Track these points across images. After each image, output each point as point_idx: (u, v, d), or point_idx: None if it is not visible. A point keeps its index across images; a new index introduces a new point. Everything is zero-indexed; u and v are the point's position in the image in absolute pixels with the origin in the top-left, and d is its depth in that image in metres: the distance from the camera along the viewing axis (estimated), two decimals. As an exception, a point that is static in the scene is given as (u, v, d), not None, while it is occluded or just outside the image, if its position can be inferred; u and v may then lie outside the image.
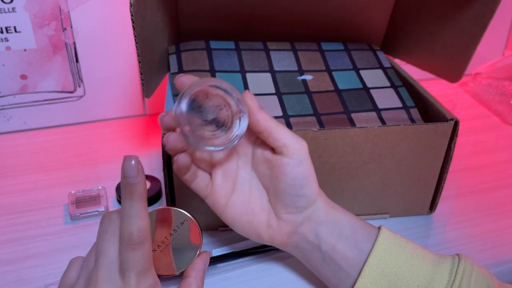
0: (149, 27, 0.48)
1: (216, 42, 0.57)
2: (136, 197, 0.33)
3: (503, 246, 0.51)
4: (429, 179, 0.51)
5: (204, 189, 0.40)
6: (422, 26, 0.61)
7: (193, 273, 0.38)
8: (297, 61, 0.58)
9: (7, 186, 0.58)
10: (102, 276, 0.33)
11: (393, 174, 0.50)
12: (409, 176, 0.50)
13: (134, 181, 0.33)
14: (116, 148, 0.66)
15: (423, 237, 0.52)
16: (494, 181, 0.61)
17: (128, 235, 0.33)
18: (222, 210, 0.40)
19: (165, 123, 0.37)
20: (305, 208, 0.40)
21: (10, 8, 0.60)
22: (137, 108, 0.73)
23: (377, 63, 0.60)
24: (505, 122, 0.76)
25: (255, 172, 0.41)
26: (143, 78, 0.47)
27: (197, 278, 0.38)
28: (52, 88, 0.67)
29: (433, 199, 0.53)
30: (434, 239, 0.51)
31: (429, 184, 0.52)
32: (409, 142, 0.48)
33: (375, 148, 0.48)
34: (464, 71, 0.57)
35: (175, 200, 0.48)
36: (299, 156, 0.38)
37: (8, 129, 0.68)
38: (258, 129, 0.38)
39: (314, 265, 0.41)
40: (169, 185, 0.47)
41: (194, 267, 0.38)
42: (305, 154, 0.39)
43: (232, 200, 0.40)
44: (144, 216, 0.33)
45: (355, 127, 0.46)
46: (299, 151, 0.38)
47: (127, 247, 0.33)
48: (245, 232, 0.41)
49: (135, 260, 0.33)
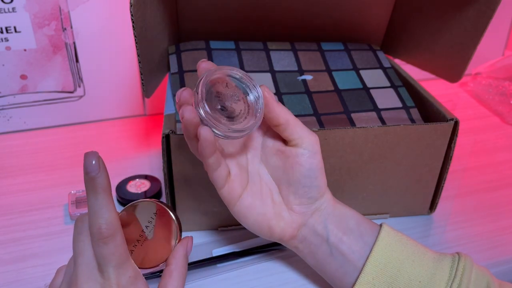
0: (149, 27, 0.48)
1: (216, 42, 0.57)
2: (100, 190, 0.33)
3: (503, 246, 0.51)
4: (429, 179, 0.51)
5: (224, 179, 0.40)
6: (422, 26, 0.61)
7: (173, 260, 0.37)
8: (297, 61, 0.58)
9: (7, 186, 0.58)
10: (82, 275, 0.33)
11: (393, 174, 0.50)
12: (409, 176, 0.51)
13: (96, 175, 0.32)
14: (116, 148, 0.66)
15: (423, 237, 0.52)
16: (494, 181, 0.61)
17: (97, 229, 0.33)
18: (236, 201, 0.40)
19: (183, 97, 0.37)
20: (316, 199, 0.41)
21: (10, 8, 0.60)
22: (137, 108, 0.73)
23: (377, 63, 0.60)
24: (505, 122, 0.76)
25: (264, 164, 0.42)
26: (143, 78, 0.47)
27: (178, 264, 0.37)
28: (52, 88, 0.67)
29: (433, 199, 0.53)
30: (434, 239, 0.51)
31: (429, 184, 0.52)
32: (409, 142, 0.48)
33: (375, 148, 0.48)
34: (464, 71, 0.57)
35: (175, 200, 0.48)
36: (314, 147, 0.40)
37: (8, 129, 0.68)
38: (277, 122, 0.39)
39: (320, 260, 0.41)
40: (169, 185, 0.47)
41: (174, 255, 0.37)
42: (318, 146, 0.40)
43: (246, 191, 0.40)
44: (111, 209, 0.33)
45: (355, 127, 0.46)
46: (315, 142, 0.40)
47: (99, 242, 0.33)
48: (257, 224, 0.41)
49: (109, 253, 0.33)
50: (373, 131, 0.47)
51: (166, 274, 0.36)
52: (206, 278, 0.45)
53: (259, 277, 0.46)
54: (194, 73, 0.53)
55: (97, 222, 0.33)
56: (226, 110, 0.37)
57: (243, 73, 0.38)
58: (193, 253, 0.48)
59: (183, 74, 0.53)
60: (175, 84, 0.52)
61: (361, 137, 0.47)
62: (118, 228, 0.34)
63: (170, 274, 0.36)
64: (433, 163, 0.50)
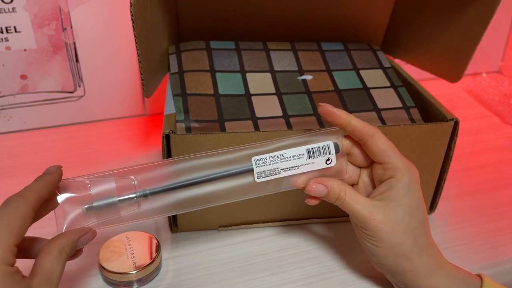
0: (149, 27, 0.48)
1: (216, 42, 0.57)
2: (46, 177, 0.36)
3: (503, 246, 0.51)
4: (429, 179, 0.51)
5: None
6: (422, 26, 0.61)
7: (61, 239, 0.35)
8: (297, 61, 0.58)
9: (7, 186, 0.58)
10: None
11: (393, 174, 0.50)
12: (409, 176, 0.50)
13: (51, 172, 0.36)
14: (116, 148, 0.66)
15: (423, 237, 0.52)
16: (494, 181, 0.61)
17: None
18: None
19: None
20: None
21: (10, 8, 0.60)
22: (137, 108, 0.73)
23: (377, 63, 0.60)
24: (505, 122, 0.76)
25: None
26: (143, 78, 0.47)
27: (62, 245, 0.34)
28: (52, 88, 0.67)
29: (433, 199, 0.53)
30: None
31: (429, 184, 0.52)
32: (409, 142, 0.48)
33: (375, 148, 0.48)
34: (464, 71, 0.57)
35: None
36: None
37: (8, 129, 0.68)
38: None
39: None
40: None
41: (66, 234, 0.35)
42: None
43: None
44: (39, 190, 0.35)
45: (355, 127, 0.46)
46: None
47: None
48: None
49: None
50: (373, 131, 0.47)
51: (45, 249, 0.34)
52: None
53: (259, 277, 0.46)
54: (194, 73, 0.53)
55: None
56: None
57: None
58: (194, 254, 0.48)
59: (183, 74, 0.53)
60: (175, 84, 0.52)
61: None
62: (31, 198, 0.34)
63: (49, 251, 0.34)
64: (433, 163, 0.50)
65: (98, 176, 0.38)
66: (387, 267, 0.40)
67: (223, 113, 0.49)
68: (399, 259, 0.39)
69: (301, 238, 0.51)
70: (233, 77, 0.54)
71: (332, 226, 0.52)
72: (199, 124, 0.48)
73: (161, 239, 0.49)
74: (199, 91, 0.51)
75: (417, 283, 0.39)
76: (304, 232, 0.51)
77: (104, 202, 0.37)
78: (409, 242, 0.39)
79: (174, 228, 0.50)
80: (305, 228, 0.52)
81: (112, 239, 0.46)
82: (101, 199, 0.37)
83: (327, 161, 0.40)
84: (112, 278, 0.43)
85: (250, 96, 0.52)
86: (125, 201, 0.38)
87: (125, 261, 0.44)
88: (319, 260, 0.48)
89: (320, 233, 0.51)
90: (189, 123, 0.47)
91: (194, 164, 0.39)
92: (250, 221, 0.51)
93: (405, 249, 0.39)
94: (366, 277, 0.46)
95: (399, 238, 0.39)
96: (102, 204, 0.37)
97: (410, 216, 0.39)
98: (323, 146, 0.40)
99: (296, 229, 0.52)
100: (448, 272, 0.40)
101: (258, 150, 0.39)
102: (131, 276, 0.43)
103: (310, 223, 0.52)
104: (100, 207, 0.37)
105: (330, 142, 0.40)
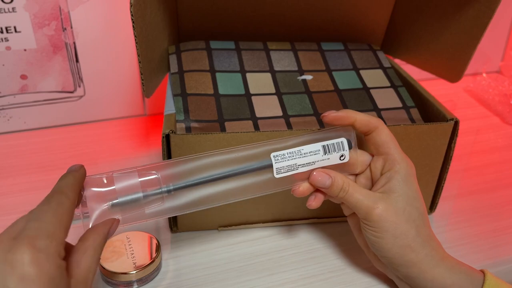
0: (149, 27, 0.48)
1: (216, 42, 0.57)
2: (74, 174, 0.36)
3: (503, 246, 0.51)
4: (429, 179, 0.51)
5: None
6: (422, 26, 0.61)
7: (92, 236, 0.34)
8: (297, 61, 0.58)
9: (7, 186, 0.58)
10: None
11: (393, 174, 0.50)
12: (409, 176, 0.50)
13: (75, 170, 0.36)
14: (116, 148, 0.66)
15: (423, 237, 0.52)
16: (494, 181, 0.61)
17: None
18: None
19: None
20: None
21: (10, 8, 0.60)
22: (137, 108, 0.73)
23: (377, 63, 0.60)
24: (505, 122, 0.76)
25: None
26: (143, 78, 0.47)
27: (96, 241, 0.34)
28: (52, 88, 0.67)
29: (433, 199, 0.53)
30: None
31: (429, 184, 0.52)
32: (409, 142, 0.48)
33: (375, 148, 0.48)
34: (464, 71, 0.57)
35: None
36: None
37: (8, 129, 0.68)
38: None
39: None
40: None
41: (96, 230, 0.35)
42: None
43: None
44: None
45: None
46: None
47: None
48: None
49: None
50: (373, 131, 0.47)
51: (80, 249, 0.33)
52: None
53: (259, 277, 0.46)
54: (194, 73, 0.53)
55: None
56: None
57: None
58: (194, 254, 0.48)
59: (183, 74, 0.53)
60: (175, 84, 0.52)
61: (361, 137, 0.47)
62: (70, 194, 0.34)
63: (85, 250, 0.33)
64: (433, 163, 0.50)
65: (121, 172, 0.38)
66: (392, 260, 0.40)
67: (223, 113, 0.49)
68: (403, 250, 0.39)
69: (301, 238, 0.51)
70: (233, 77, 0.54)
71: (332, 226, 0.52)
72: (199, 124, 0.48)
73: (161, 239, 0.49)
74: (199, 91, 0.51)
75: (422, 275, 0.39)
76: (304, 232, 0.51)
77: (129, 197, 0.37)
78: (412, 232, 0.39)
79: (174, 228, 0.50)
80: (305, 228, 0.52)
81: (112, 239, 0.46)
82: (126, 195, 0.37)
83: (341, 157, 0.41)
84: (112, 278, 0.43)
85: (250, 96, 0.52)
86: (150, 197, 0.38)
87: (125, 261, 0.44)
88: (319, 260, 0.48)
89: (320, 233, 0.51)
90: (189, 123, 0.47)
91: (215, 160, 0.39)
92: (250, 221, 0.51)
93: (409, 239, 0.39)
94: (366, 277, 0.46)
95: (403, 227, 0.39)
96: (127, 200, 0.37)
97: (410, 206, 0.40)
98: (337, 143, 0.41)
99: (296, 229, 0.52)
100: (451, 265, 0.40)
101: (276, 146, 0.40)
102: (131, 276, 0.43)
103: (310, 223, 0.52)
104: (125, 203, 0.37)
105: (344, 139, 0.41)
